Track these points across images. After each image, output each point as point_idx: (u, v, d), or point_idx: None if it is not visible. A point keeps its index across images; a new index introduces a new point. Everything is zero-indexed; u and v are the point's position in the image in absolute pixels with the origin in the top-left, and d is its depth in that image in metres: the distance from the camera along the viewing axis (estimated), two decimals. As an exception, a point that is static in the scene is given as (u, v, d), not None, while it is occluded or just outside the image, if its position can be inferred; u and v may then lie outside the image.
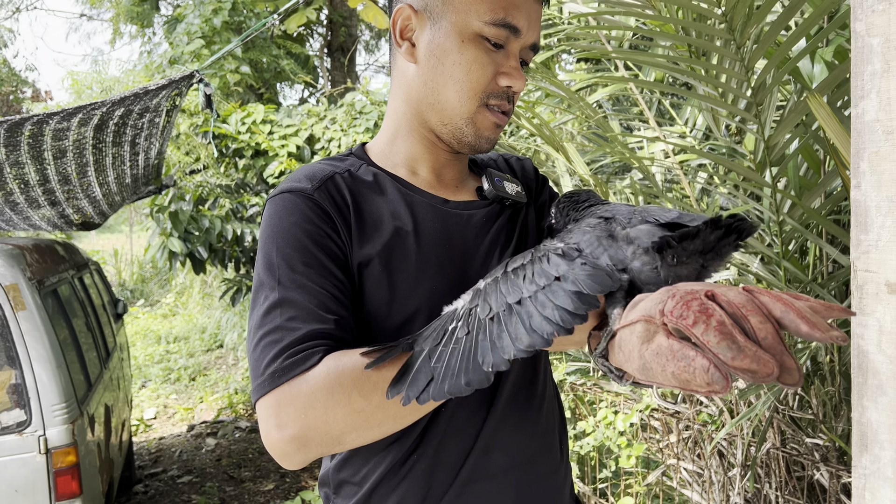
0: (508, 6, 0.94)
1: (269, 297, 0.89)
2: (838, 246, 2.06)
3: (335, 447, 0.83)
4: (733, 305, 0.56)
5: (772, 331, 0.54)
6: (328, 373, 0.81)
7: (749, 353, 0.53)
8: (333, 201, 0.96)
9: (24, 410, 2.61)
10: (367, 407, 0.80)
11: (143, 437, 5.87)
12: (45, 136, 2.96)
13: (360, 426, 0.81)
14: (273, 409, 0.82)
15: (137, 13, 10.15)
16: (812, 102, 1.50)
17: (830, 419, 2.15)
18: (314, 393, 0.81)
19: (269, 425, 0.82)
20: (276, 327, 0.86)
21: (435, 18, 0.95)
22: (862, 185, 0.83)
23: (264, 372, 0.84)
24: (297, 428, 0.81)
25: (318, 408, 0.80)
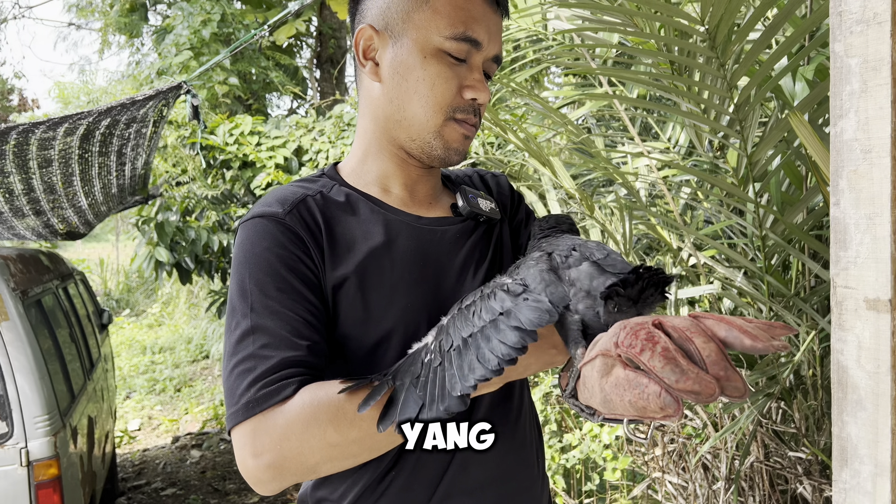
0: (468, 20, 0.95)
1: (242, 323, 0.90)
2: (820, 261, 2.09)
3: (310, 475, 0.85)
4: (678, 330, 0.59)
5: (715, 349, 0.57)
6: (304, 406, 0.82)
7: (691, 376, 0.55)
8: (305, 224, 0.96)
9: (6, 422, 2.58)
10: (342, 441, 0.81)
11: (127, 448, 5.81)
12: (31, 145, 2.94)
13: (335, 458, 0.83)
14: (249, 437, 0.83)
15: (126, 23, 10.13)
16: (793, 120, 1.53)
17: (813, 433, 2.17)
18: (290, 425, 0.82)
19: (245, 453, 0.83)
20: (249, 355, 0.87)
21: (396, 37, 0.97)
22: (841, 202, 0.84)
23: (239, 401, 0.85)
24: (272, 457, 0.82)
25: (293, 440, 0.81)
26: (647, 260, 2.93)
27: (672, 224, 2.52)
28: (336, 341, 0.96)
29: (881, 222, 0.74)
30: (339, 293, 0.95)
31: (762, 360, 2.14)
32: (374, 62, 0.99)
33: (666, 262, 2.75)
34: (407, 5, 0.96)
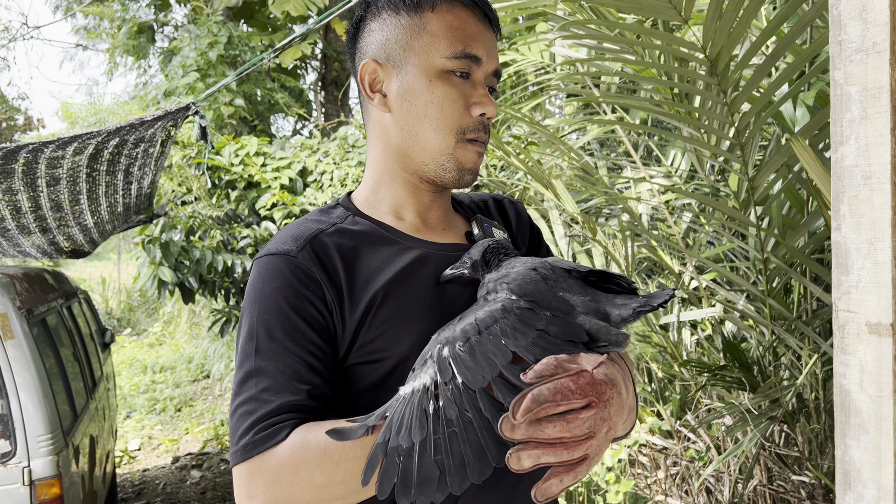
0: (465, 38, 0.99)
1: (246, 364, 0.93)
2: (822, 285, 2.10)
3: None
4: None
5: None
6: (294, 450, 0.85)
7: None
8: (319, 261, 0.97)
9: (10, 441, 2.58)
10: (329, 483, 0.84)
11: (127, 468, 5.78)
12: (40, 163, 2.97)
13: (325, 499, 0.85)
14: (245, 479, 0.87)
15: (133, 46, 10.25)
16: (795, 146, 1.55)
17: (816, 456, 2.16)
18: (280, 469, 0.85)
19: (241, 494, 0.88)
20: (250, 397, 0.91)
21: (399, 66, 1.00)
22: (842, 227, 0.86)
23: (238, 442, 0.89)
24: (264, 499, 0.86)
25: (284, 483, 0.85)
26: (650, 283, 2.94)
27: (674, 247, 2.53)
28: (353, 369, 0.97)
29: (882, 247, 0.76)
30: (361, 323, 0.96)
31: (765, 383, 2.14)
32: (381, 94, 1.02)
33: (668, 284, 2.76)
34: (405, 35, 0.99)
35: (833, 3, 0.80)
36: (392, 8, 1.01)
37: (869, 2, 0.76)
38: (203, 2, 9.63)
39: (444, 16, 0.99)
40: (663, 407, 2.81)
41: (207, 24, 8.13)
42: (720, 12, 1.60)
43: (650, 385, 3.05)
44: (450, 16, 0.99)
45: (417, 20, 0.99)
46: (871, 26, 0.76)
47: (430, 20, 0.99)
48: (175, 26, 11.24)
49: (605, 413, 0.75)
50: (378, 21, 1.02)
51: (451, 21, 0.99)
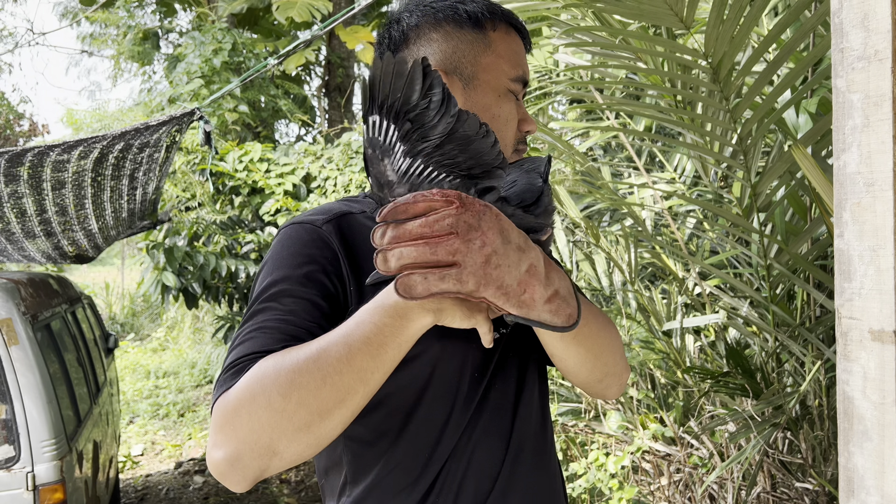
0: (521, 62, 1.06)
1: (245, 318, 0.93)
2: (825, 291, 2.10)
3: (271, 458, 0.80)
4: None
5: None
6: (251, 378, 0.81)
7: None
8: (342, 237, 0.98)
9: (13, 446, 2.58)
10: (287, 406, 0.78)
11: (130, 473, 5.78)
12: (45, 167, 2.99)
13: (287, 429, 0.79)
14: (213, 425, 0.82)
15: (138, 52, 10.29)
16: (797, 153, 1.55)
17: (820, 463, 2.16)
18: (239, 402, 0.80)
19: (209, 445, 0.82)
20: (237, 344, 0.89)
21: (467, 79, 1.03)
22: (845, 234, 0.86)
23: (218, 380, 0.87)
24: (228, 446, 0.79)
25: (242, 416, 0.79)
26: (653, 289, 2.94)
27: (677, 253, 2.53)
28: None
29: (885, 254, 0.76)
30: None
31: (768, 389, 2.14)
32: None
33: (672, 290, 2.76)
34: (473, 50, 1.03)
35: (835, 11, 0.81)
36: (455, 21, 1.03)
37: (871, 10, 0.76)
38: (208, 8, 9.68)
39: (504, 38, 1.05)
40: (666, 413, 2.80)
41: (212, 31, 8.17)
42: (721, 19, 1.60)
43: (653, 391, 3.04)
44: (509, 38, 1.06)
45: (482, 37, 1.04)
46: (873, 34, 0.76)
47: (495, 40, 1.04)
48: (180, 32, 11.30)
49: (471, 219, 0.73)
50: (439, 31, 1.04)
51: (510, 44, 1.06)
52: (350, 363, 0.79)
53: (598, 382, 1.05)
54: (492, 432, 1.01)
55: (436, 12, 1.04)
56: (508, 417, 1.03)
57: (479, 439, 0.99)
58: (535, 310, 0.79)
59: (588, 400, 3.27)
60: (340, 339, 0.80)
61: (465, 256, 0.73)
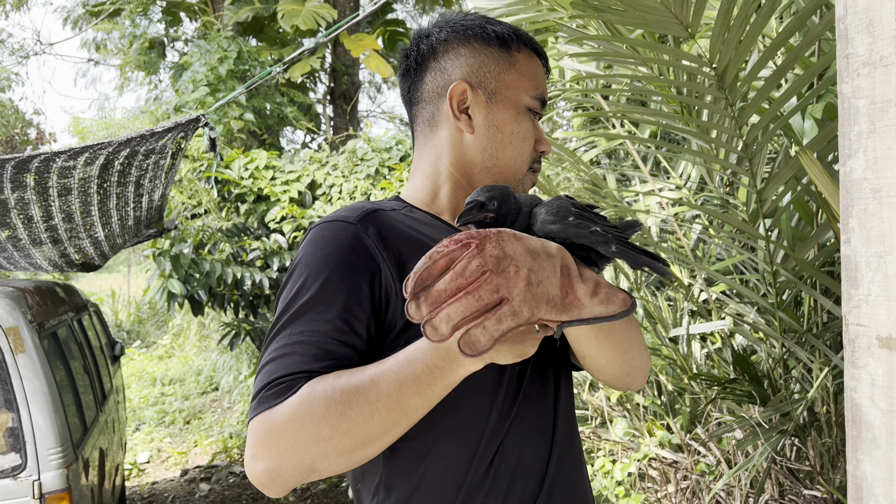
0: (541, 82, 1.12)
1: (280, 324, 0.93)
2: (832, 297, 2.09)
3: (310, 475, 0.85)
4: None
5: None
6: (299, 403, 0.83)
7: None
8: (378, 233, 0.98)
9: (20, 454, 2.59)
10: (334, 435, 0.81)
11: (136, 481, 5.78)
12: (52, 173, 3.00)
13: (330, 454, 0.83)
14: (252, 439, 0.86)
15: (144, 61, 10.35)
16: (804, 159, 1.55)
17: (828, 471, 2.15)
18: (285, 424, 0.83)
19: (248, 455, 0.86)
20: (275, 357, 0.90)
21: (490, 94, 1.08)
22: (851, 240, 0.85)
23: (256, 395, 0.88)
24: (270, 461, 0.83)
25: (288, 438, 0.82)
26: (658, 296, 2.94)
27: (683, 260, 2.53)
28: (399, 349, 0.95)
29: (892, 260, 0.75)
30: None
31: (775, 396, 2.13)
32: (467, 115, 1.09)
33: (678, 297, 2.75)
34: (498, 66, 1.09)
35: (840, 17, 0.81)
36: (483, 39, 1.09)
37: (876, 15, 0.76)
38: (213, 17, 9.74)
39: (527, 59, 1.11)
40: (673, 420, 2.79)
41: (217, 39, 8.21)
42: (727, 26, 1.60)
43: (659, 398, 3.03)
44: (532, 61, 1.11)
45: (507, 56, 1.09)
46: (879, 40, 0.76)
47: (519, 60, 1.10)
48: (185, 41, 11.36)
49: (494, 250, 0.72)
50: (467, 47, 1.09)
51: (532, 65, 1.11)
52: (399, 401, 0.82)
53: (626, 375, 1.06)
54: (538, 431, 1.02)
55: (465, 29, 1.10)
56: (550, 416, 1.04)
57: (527, 438, 1.00)
58: (586, 307, 0.79)
59: (594, 406, 3.26)
60: (391, 375, 0.82)
61: (509, 288, 0.73)
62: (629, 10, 1.69)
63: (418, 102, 1.13)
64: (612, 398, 3.13)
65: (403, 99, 1.19)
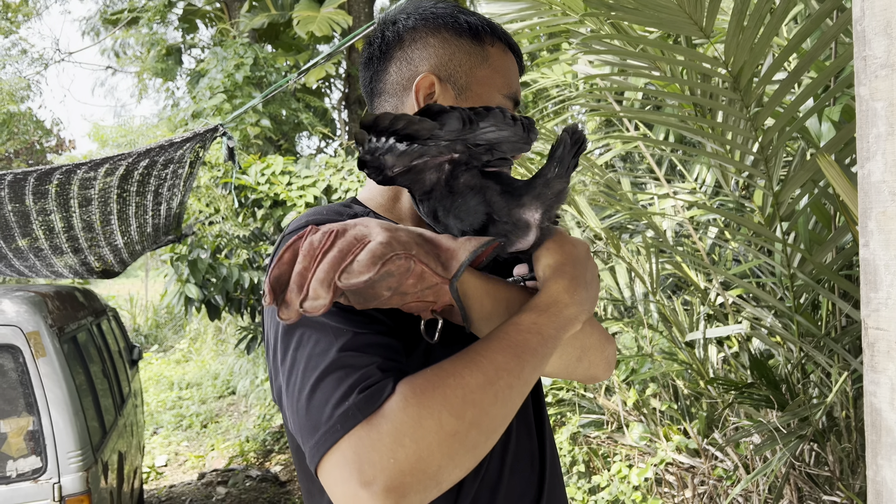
0: (514, 81, 1.04)
1: (315, 337, 0.77)
2: (851, 301, 2.07)
3: (433, 489, 0.69)
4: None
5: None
6: (408, 399, 0.69)
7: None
8: None
9: (41, 457, 2.62)
10: (460, 427, 0.69)
11: (154, 484, 5.83)
12: (73, 185, 3.04)
13: (457, 452, 0.69)
14: (352, 463, 0.67)
15: (162, 68, 10.46)
16: (821, 161, 1.54)
17: (848, 476, 2.12)
18: (400, 427, 0.68)
19: (353, 485, 0.66)
20: (328, 372, 0.73)
21: (460, 89, 1.00)
22: (870, 244, 0.85)
23: (332, 414, 0.70)
24: (388, 477, 0.66)
25: (407, 444, 0.67)
26: (675, 300, 2.92)
27: (699, 263, 2.51)
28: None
29: (910, 264, 0.75)
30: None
31: (794, 401, 2.11)
32: None
33: (694, 301, 2.74)
34: (470, 60, 1.00)
35: (857, 19, 0.80)
36: (454, 30, 1.01)
37: (894, 17, 0.75)
38: (229, 24, 9.82)
39: (501, 55, 1.03)
40: (690, 425, 2.77)
41: (234, 46, 8.28)
42: (741, 27, 1.60)
43: (676, 402, 3.01)
44: (505, 56, 1.04)
45: (480, 50, 1.01)
46: (896, 42, 0.75)
47: (492, 55, 1.02)
48: (202, 48, 11.47)
49: (340, 226, 0.71)
50: (437, 37, 1.00)
51: (506, 62, 1.03)
52: (520, 376, 0.74)
53: (578, 361, 0.96)
54: (522, 456, 0.95)
55: (436, 18, 1.01)
56: (535, 438, 0.99)
57: (513, 464, 0.93)
58: (460, 250, 0.79)
59: (610, 411, 3.25)
60: (509, 349, 0.74)
61: (367, 232, 0.72)
62: (642, 10, 1.69)
63: (380, 95, 1.04)
64: (628, 403, 3.12)
65: (364, 90, 1.09)
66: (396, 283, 0.72)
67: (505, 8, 2.37)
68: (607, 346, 1.01)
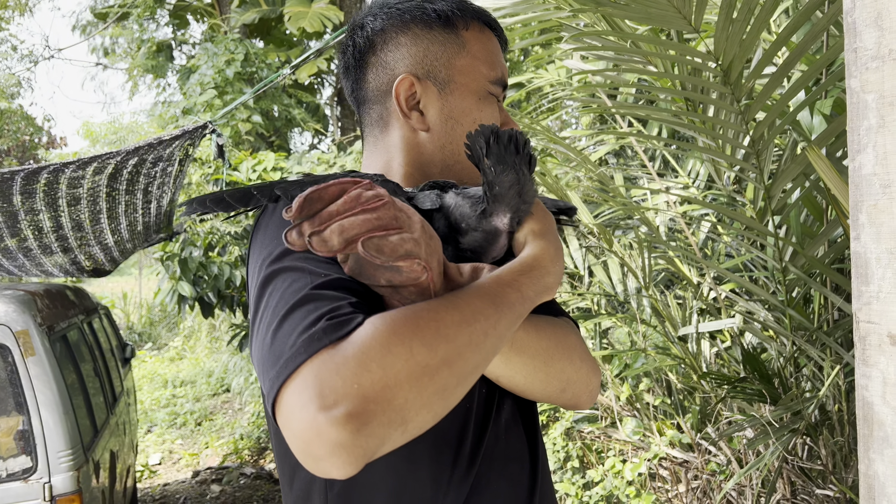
0: (499, 63, 1.00)
1: (292, 278, 0.74)
2: (843, 294, 2.07)
3: (398, 427, 0.64)
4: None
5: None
6: (378, 327, 0.65)
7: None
8: None
9: (31, 457, 2.60)
10: (431, 360, 0.64)
11: (148, 482, 5.81)
12: (61, 184, 3.02)
13: (426, 388, 0.64)
14: (312, 387, 0.61)
15: (152, 65, 10.41)
16: (811, 155, 1.53)
17: (840, 469, 2.13)
18: (367, 352, 0.63)
19: (311, 410, 0.60)
20: (300, 304, 0.70)
21: (442, 83, 0.97)
22: (861, 237, 0.84)
23: (296, 341, 0.65)
24: (351, 403, 0.60)
25: (373, 370, 0.62)
26: (668, 294, 2.92)
27: (692, 258, 2.51)
28: None
29: (901, 257, 0.74)
30: None
31: (786, 394, 2.12)
32: (418, 111, 0.97)
33: (687, 295, 2.74)
34: (446, 52, 0.97)
35: (848, 11, 0.79)
36: (423, 22, 0.97)
37: (884, 8, 0.75)
38: (220, 19, 9.78)
39: (478, 37, 0.99)
40: (683, 419, 2.78)
41: (224, 42, 8.25)
42: (731, 20, 1.59)
43: (669, 397, 3.02)
44: (484, 37, 0.99)
45: (454, 38, 0.97)
46: (887, 33, 0.75)
47: (469, 40, 0.98)
48: (193, 44, 11.42)
49: (389, 198, 0.68)
50: (407, 35, 0.97)
51: (486, 43, 0.99)
52: (496, 326, 0.71)
53: (562, 392, 0.92)
54: (512, 457, 0.92)
55: (402, 14, 0.97)
56: (524, 440, 0.96)
57: (501, 469, 0.90)
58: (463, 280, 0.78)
59: (604, 406, 3.25)
60: (487, 297, 0.72)
61: (408, 223, 0.68)
62: (631, 4, 1.68)
63: (364, 103, 1.01)
64: (621, 398, 3.12)
65: (349, 99, 1.06)
66: (399, 281, 0.69)
67: (499, 2, 2.35)
68: (592, 378, 0.96)
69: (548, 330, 0.88)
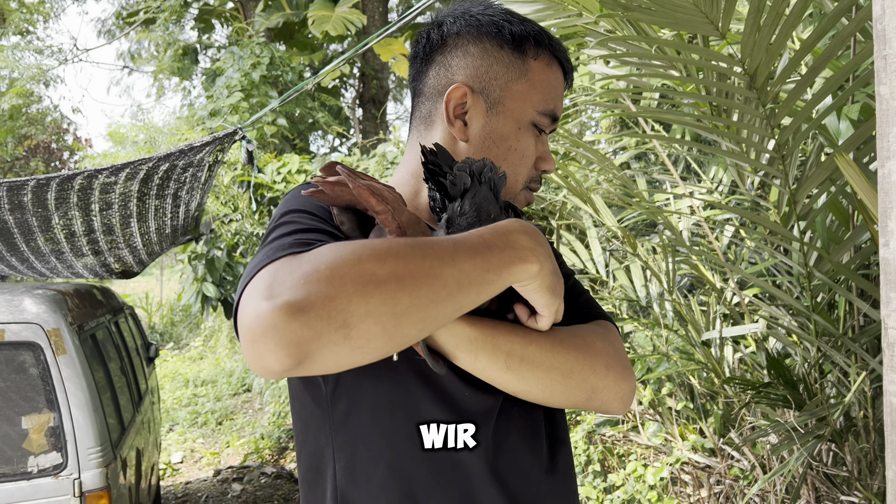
0: (555, 98, 1.01)
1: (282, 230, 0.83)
2: (869, 300, 2.05)
3: (339, 328, 0.65)
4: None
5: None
6: (332, 246, 0.70)
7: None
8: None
9: (61, 453, 2.65)
10: (379, 270, 0.67)
11: (170, 480, 5.88)
12: (94, 189, 3.08)
13: (372, 294, 0.66)
14: (264, 282, 0.68)
15: (178, 68, 10.55)
16: (839, 160, 1.53)
17: (866, 476, 2.11)
18: (319, 256, 0.68)
19: (258, 300, 0.66)
20: (288, 233, 0.80)
21: (492, 103, 0.99)
22: (890, 243, 0.84)
23: (263, 257, 0.74)
24: (294, 294, 0.64)
25: (322, 270, 0.66)
26: (691, 299, 2.91)
27: (715, 263, 2.51)
28: None
29: (930, 264, 0.75)
30: None
31: (811, 400, 2.10)
32: (462, 122, 0.99)
33: (710, 300, 2.73)
34: (507, 74, 0.98)
35: (877, 17, 0.80)
36: (496, 40, 0.98)
37: (913, 17, 0.75)
38: (245, 23, 9.88)
39: (544, 69, 1.00)
40: (706, 424, 2.77)
41: (250, 46, 8.34)
42: (758, 26, 1.59)
43: (692, 402, 3.01)
44: (549, 70, 1.01)
45: (520, 63, 0.99)
46: (916, 41, 0.75)
47: (533, 69, 0.99)
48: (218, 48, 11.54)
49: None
50: (478, 46, 0.99)
51: (549, 76, 1.00)
52: (453, 262, 0.71)
53: (588, 401, 0.91)
54: (524, 450, 0.93)
55: (480, 26, 0.99)
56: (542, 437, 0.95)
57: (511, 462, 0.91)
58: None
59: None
60: (447, 238, 0.75)
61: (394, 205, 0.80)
62: (659, 10, 1.69)
63: (419, 95, 1.04)
64: (643, 401, 3.11)
65: (409, 84, 1.09)
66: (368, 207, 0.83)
67: (522, 8, 2.37)
68: (622, 384, 0.93)
69: (567, 342, 0.88)
